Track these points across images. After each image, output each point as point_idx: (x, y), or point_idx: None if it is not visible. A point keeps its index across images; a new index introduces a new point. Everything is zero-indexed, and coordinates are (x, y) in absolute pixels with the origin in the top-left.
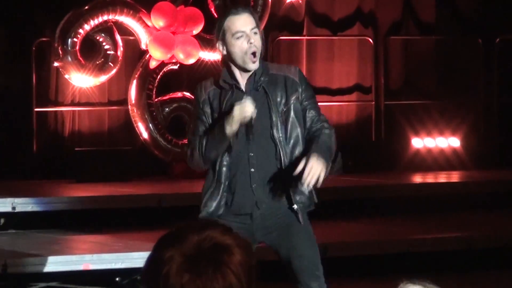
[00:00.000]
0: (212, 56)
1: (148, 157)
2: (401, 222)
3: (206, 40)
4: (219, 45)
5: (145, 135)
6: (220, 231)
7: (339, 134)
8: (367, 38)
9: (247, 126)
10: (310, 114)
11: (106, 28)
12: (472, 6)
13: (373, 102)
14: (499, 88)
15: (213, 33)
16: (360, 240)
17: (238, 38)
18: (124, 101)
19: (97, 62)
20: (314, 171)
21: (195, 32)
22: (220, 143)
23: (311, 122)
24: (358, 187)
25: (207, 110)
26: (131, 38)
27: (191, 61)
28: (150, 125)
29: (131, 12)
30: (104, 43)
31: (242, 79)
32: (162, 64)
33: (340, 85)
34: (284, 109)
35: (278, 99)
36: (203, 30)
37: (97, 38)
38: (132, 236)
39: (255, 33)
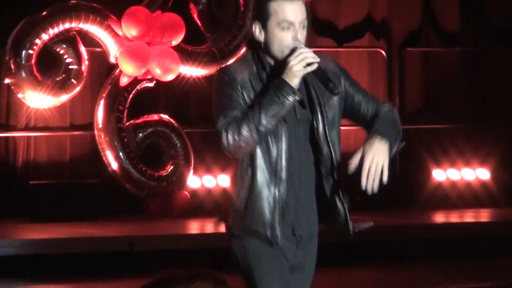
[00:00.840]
0: (195, 71)
1: (118, 192)
2: (420, 269)
3: (187, 52)
4: (255, 28)
5: (114, 165)
6: (212, 284)
7: (345, 163)
8: (379, 50)
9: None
10: (359, 97)
11: (68, 38)
12: (503, 13)
13: None
14: None
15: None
16: None
17: (283, 28)
18: (89, 126)
19: (57, 79)
20: (374, 166)
21: (174, 42)
22: (281, 106)
23: (364, 104)
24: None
25: (248, 94)
26: (98, 50)
27: (170, 77)
28: (121, 153)
29: (98, 19)
30: (65, 56)
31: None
32: (135, 81)
33: None
34: (328, 102)
35: (320, 93)
36: (184, 41)
37: (57, 50)
38: (98, 287)
39: (304, 27)
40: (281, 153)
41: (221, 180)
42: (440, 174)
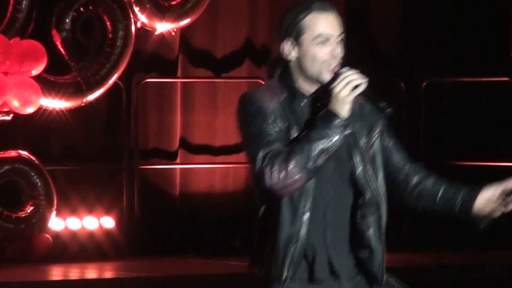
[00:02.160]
0: (58, 103)
1: None
2: None
3: (50, 82)
4: (286, 45)
5: None
6: None
7: (223, 205)
8: (259, 80)
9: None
10: (398, 158)
11: None
12: (392, 47)
13: None
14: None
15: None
16: None
17: (320, 43)
18: None
19: None
20: None
21: (35, 72)
22: (331, 140)
23: (404, 169)
24: (249, 275)
25: (282, 125)
26: None
27: (30, 110)
28: None
29: None
30: None
31: (308, 91)
32: None
33: (226, 141)
34: (368, 146)
35: (358, 132)
36: (46, 70)
37: None
38: None
39: (342, 40)
40: (306, 187)
41: (87, 222)
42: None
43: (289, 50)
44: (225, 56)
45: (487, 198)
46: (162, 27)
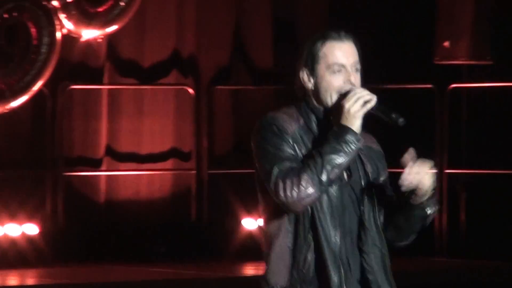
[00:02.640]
0: None
1: None
2: None
3: None
4: (303, 75)
5: None
6: None
7: (149, 212)
8: (186, 88)
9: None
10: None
11: None
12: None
13: (194, 171)
14: None
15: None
16: None
17: (334, 72)
18: None
19: None
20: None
21: None
22: (345, 155)
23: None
24: (175, 282)
25: (300, 148)
26: None
27: None
28: None
29: None
30: None
31: (326, 127)
32: None
33: (152, 148)
34: (376, 185)
35: (370, 171)
36: None
37: None
38: None
39: (357, 69)
40: (333, 211)
41: (27, 229)
42: (251, 223)
43: (307, 79)
44: (152, 65)
45: (406, 175)
46: (88, 34)
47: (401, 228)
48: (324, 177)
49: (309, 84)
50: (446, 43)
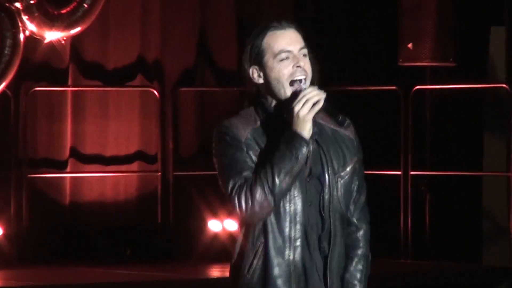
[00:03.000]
0: None
1: None
2: None
3: None
4: (252, 72)
5: None
6: None
7: (114, 216)
8: (151, 89)
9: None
10: (354, 187)
11: None
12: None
13: (159, 173)
14: None
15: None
16: None
17: (282, 60)
18: None
19: None
20: None
21: None
22: (294, 161)
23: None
24: (140, 284)
25: (255, 153)
26: None
27: None
28: None
29: None
30: None
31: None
32: None
33: (117, 151)
34: (342, 174)
35: (335, 160)
36: None
37: None
38: None
39: (305, 55)
40: (295, 215)
41: None
42: (216, 225)
43: (256, 75)
44: (117, 67)
45: None
46: (52, 35)
47: None
48: (276, 188)
49: (260, 79)
50: (410, 45)
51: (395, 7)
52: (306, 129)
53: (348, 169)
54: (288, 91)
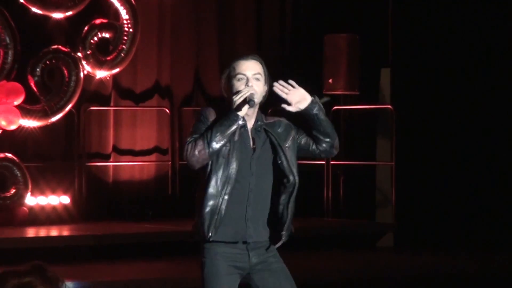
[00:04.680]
0: (32, 123)
1: None
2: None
3: (26, 109)
4: (223, 85)
5: None
6: (40, 280)
7: (140, 190)
8: (164, 108)
9: (246, 101)
10: (305, 139)
11: None
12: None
13: (170, 162)
14: None
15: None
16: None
17: (238, 80)
18: None
19: None
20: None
21: (16, 103)
22: (227, 127)
23: (309, 140)
24: (158, 233)
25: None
26: None
27: (13, 127)
28: None
29: None
30: None
31: (247, 118)
32: None
33: (142, 147)
34: (286, 145)
35: (281, 136)
36: (23, 101)
37: None
38: None
39: (257, 79)
40: (229, 176)
41: (63, 199)
42: None
43: (224, 88)
44: (142, 92)
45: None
46: (100, 74)
47: (317, 131)
48: (212, 142)
49: (225, 93)
50: (330, 80)
51: (321, 56)
52: (239, 110)
53: (289, 141)
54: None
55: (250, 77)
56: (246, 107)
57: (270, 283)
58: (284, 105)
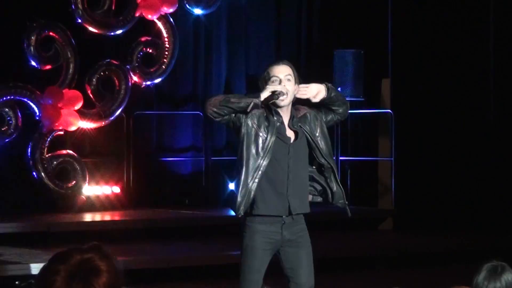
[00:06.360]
0: (88, 125)
1: (42, 196)
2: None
3: (84, 113)
4: (262, 86)
5: (38, 180)
6: (99, 256)
7: (179, 182)
8: (199, 113)
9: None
10: (326, 115)
11: (10, 104)
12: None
13: (203, 158)
14: None
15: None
16: None
17: (273, 82)
18: (22, 156)
19: (2, 129)
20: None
21: (76, 108)
22: (244, 99)
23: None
24: (192, 219)
25: (252, 121)
26: (28, 112)
27: (73, 128)
28: (42, 174)
29: (28, 93)
30: (7, 116)
31: (282, 115)
32: (51, 130)
33: (180, 146)
34: (316, 134)
35: (312, 127)
36: (82, 106)
37: (2, 112)
38: (28, 251)
39: (288, 79)
40: (260, 166)
41: (114, 189)
42: (232, 185)
43: (263, 90)
44: (180, 98)
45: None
46: (146, 83)
47: (336, 106)
48: (226, 103)
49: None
50: (339, 88)
51: (331, 67)
52: (262, 96)
53: (318, 128)
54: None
55: (283, 78)
56: (269, 97)
57: (291, 256)
58: (312, 100)
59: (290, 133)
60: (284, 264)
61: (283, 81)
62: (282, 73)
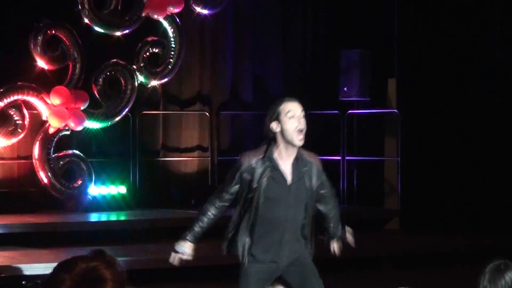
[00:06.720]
0: (94, 125)
1: (48, 195)
2: None
3: (91, 113)
4: (273, 125)
5: (45, 180)
6: (104, 265)
7: (185, 181)
8: (205, 112)
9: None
10: (323, 194)
11: (16, 105)
12: (278, 87)
13: (209, 158)
14: None
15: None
16: None
17: (290, 117)
18: (29, 157)
19: (9, 129)
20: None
21: (82, 107)
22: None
23: (325, 196)
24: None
25: (247, 176)
26: (35, 112)
27: (79, 128)
28: (49, 173)
29: (35, 93)
30: (14, 116)
31: (286, 155)
32: (58, 130)
33: (186, 145)
34: (314, 190)
35: (313, 184)
36: (88, 106)
37: (9, 111)
38: (35, 252)
39: (304, 116)
40: (261, 215)
41: (111, 189)
42: None
43: (275, 126)
44: (186, 98)
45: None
46: (152, 83)
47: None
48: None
49: (278, 129)
50: (345, 88)
51: (337, 68)
52: (171, 258)
53: (318, 184)
54: (295, 141)
55: (299, 114)
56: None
57: (295, 274)
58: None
59: (289, 177)
60: (291, 283)
61: (300, 118)
62: (298, 109)
